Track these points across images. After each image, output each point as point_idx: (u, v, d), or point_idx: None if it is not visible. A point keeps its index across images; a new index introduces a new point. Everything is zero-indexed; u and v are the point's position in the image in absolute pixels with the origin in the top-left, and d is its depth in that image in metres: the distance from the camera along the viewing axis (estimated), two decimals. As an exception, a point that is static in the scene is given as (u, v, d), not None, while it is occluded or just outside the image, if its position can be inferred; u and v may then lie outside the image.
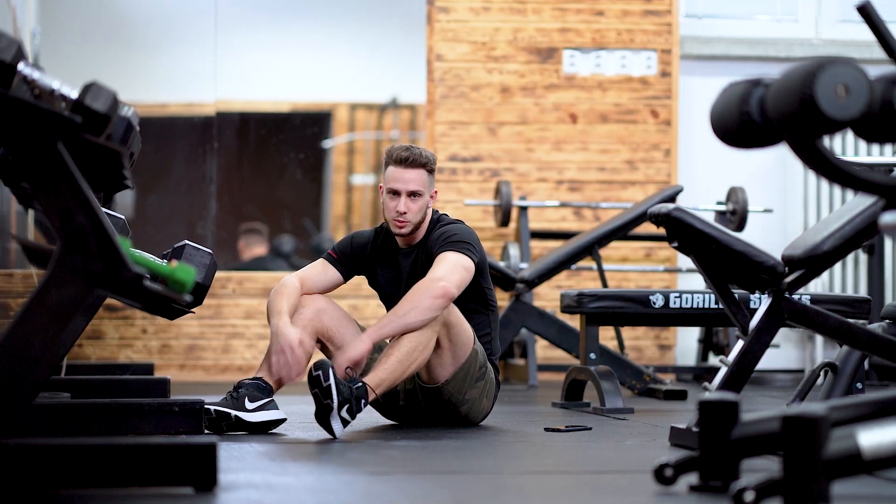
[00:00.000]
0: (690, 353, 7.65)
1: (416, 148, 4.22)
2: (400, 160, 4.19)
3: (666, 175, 7.51)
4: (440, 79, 7.44)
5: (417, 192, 4.19)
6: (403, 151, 4.20)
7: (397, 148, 4.22)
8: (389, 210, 4.20)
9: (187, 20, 7.80)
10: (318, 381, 3.81)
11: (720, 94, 2.95)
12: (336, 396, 3.81)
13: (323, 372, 3.81)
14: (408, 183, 4.18)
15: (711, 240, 3.74)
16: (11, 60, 2.73)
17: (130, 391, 4.70)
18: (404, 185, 4.18)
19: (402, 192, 4.18)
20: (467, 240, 4.16)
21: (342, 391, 3.83)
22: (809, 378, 3.87)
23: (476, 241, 4.20)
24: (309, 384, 3.85)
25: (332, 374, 3.82)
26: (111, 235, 2.68)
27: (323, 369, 3.81)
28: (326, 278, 4.30)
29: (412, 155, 4.18)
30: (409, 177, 4.18)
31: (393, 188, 4.19)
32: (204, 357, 7.25)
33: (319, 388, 3.81)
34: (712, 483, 2.69)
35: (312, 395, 3.84)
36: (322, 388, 3.81)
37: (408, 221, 4.20)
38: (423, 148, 4.24)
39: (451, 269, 4.06)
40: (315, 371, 3.82)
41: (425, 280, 4.04)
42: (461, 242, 4.14)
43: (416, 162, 4.18)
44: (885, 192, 2.78)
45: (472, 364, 4.19)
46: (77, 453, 2.59)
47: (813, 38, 7.81)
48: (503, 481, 3.05)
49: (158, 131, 7.62)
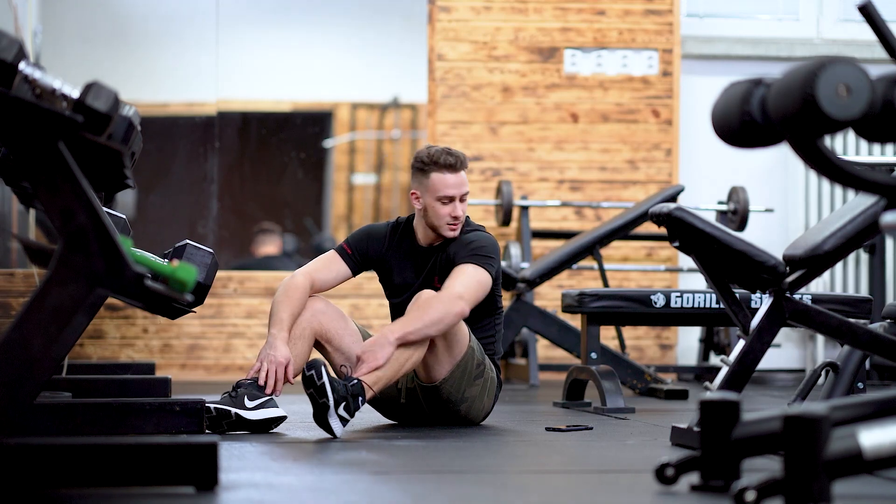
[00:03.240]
0: (691, 353, 7.64)
1: (455, 150, 4.25)
2: (448, 165, 4.21)
3: (667, 175, 7.51)
4: (441, 78, 7.44)
5: (467, 194, 4.25)
6: (448, 157, 4.21)
7: (437, 152, 4.22)
8: (442, 216, 4.22)
9: (188, 19, 7.80)
10: (312, 380, 3.82)
11: (721, 94, 2.95)
12: (332, 394, 3.81)
13: (316, 371, 3.81)
14: (460, 187, 4.23)
15: (712, 239, 3.74)
16: (13, 60, 2.73)
17: (131, 391, 4.71)
18: (458, 189, 4.22)
19: (456, 197, 4.22)
20: (491, 254, 4.21)
21: (337, 389, 3.83)
22: (811, 378, 3.87)
23: (497, 252, 4.26)
24: (303, 384, 3.85)
25: (326, 373, 3.82)
26: (112, 235, 2.68)
27: (316, 369, 3.82)
28: (336, 274, 4.31)
29: (458, 159, 4.23)
30: (459, 180, 4.22)
31: (448, 195, 4.21)
32: (205, 356, 7.25)
33: (314, 388, 3.82)
34: (713, 483, 2.69)
35: (308, 395, 3.84)
36: (316, 388, 3.81)
37: (460, 222, 4.25)
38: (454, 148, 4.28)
39: (470, 286, 4.11)
40: (308, 371, 3.82)
41: (448, 295, 4.06)
42: (485, 257, 4.18)
43: (462, 165, 4.24)
44: (886, 191, 2.78)
45: (469, 361, 4.19)
46: (78, 453, 2.59)
47: (814, 37, 7.81)
48: (504, 481, 3.05)
49: (159, 130, 7.62)
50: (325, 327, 4.22)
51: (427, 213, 4.25)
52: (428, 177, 4.22)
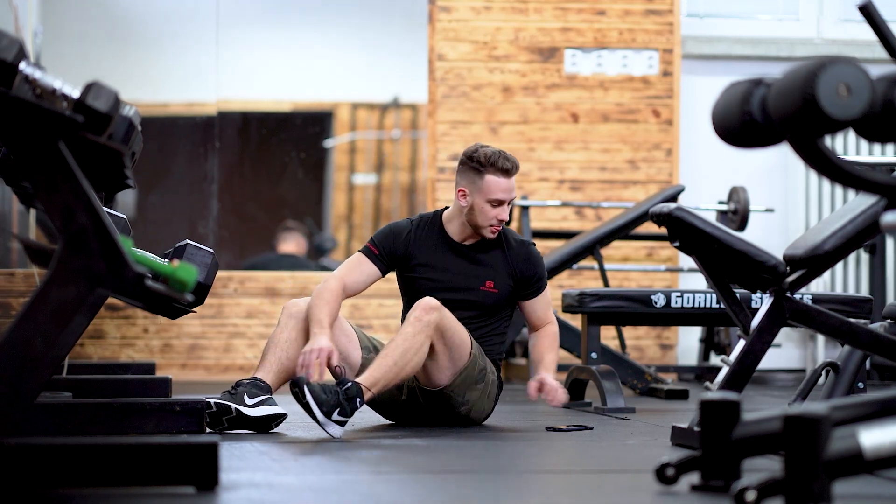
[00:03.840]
0: (692, 353, 7.64)
1: (511, 155, 4.29)
2: (504, 170, 4.25)
3: (667, 174, 7.51)
4: (441, 78, 7.44)
5: (514, 199, 4.33)
6: (506, 161, 4.26)
7: (494, 155, 4.26)
8: (489, 218, 4.26)
9: (189, 19, 7.79)
10: (297, 397, 3.82)
11: (722, 94, 2.95)
12: (318, 409, 3.80)
13: (299, 389, 3.80)
14: (511, 192, 4.28)
15: (713, 239, 3.74)
16: (13, 60, 2.73)
17: (132, 391, 4.71)
18: (509, 194, 4.27)
19: (506, 201, 4.27)
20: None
21: (327, 400, 3.81)
22: (811, 378, 3.87)
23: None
24: (294, 398, 3.86)
25: (308, 391, 3.80)
26: (113, 235, 2.68)
27: (299, 386, 3.81)
28: (366, 276, 4.31)
29: (515, 165, 4.28)
30: (511, 185, 4.28)
31: (499, 199, 4.25)
32: (205, 356, 7.25)
33: (301, 404, 3.82)
34: (714, 482, 2.69)
35: (301, 405, 3.85)
36: (303, 404, 3.81)
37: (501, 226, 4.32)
38: (509, 153, 4.32)
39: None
40: (293, 388, 3.82)
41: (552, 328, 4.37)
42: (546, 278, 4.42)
43: (516, 170, 4.29)
44: (887, 191, 2.78)
45: (471, 368, 4.20)
46: (78, 453, 2.59)
47: (814, 37, 7.81)
48: (504, 481, 3.05)
49: (160, 130, 7.62)
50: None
51: (473, 212, 4.28)
52: (482, 177, 4.25)
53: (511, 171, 4.26)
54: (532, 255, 4.35)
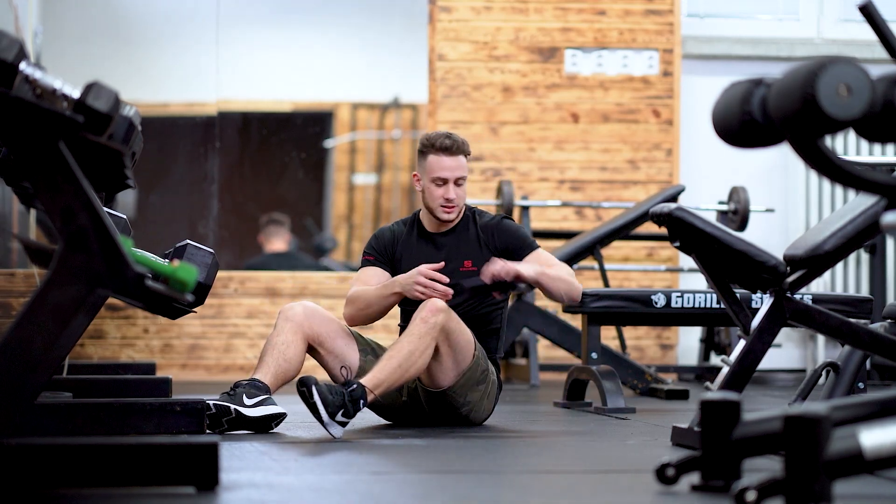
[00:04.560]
0: (692, 353, 7.64)
1: (455, 135, 4.32)
2: (444, 148, 4.28)
3: (668, 175, 7.51)
4: (442, 78, 7.44)
5: (463, 178, 4.31)
6: (446, 140, 4.29)
7: (437, 136, 4.31)
8: (435, 198, 4.29)
9: (189, 19, 7.79)
10: (304, 396, 3.82)
11: (722, 94, 2.95)
12: (324, 409, 3.81)
13: (307, 388, 3.81)
14: (455, 170, 4.28)
15: (713, 239, 3.74)
16: (13, 60, 2.73)
17: (132, 391, 4.71)
18: (451, 172, 4.28)
19: (450, 180, 4.27)
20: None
21: (333, 401, 3.82)
22: (811, 378, 3.87)
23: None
24: (300, 397, 3.86)
25: (316, 391, 3.81)
26: (113, 235, 2.68)
27: (306, 386, 3.81)
28: (378, 279, 4.34)
29: (455, 143, 4.29)
30: (455, 164, 4.28)
31: (441, 177, 4.28)
32: (206, 357, 7.25)
33: (308, 404, 3.83)
34: (714, 483, 2.69)
35: (306, 405, 3.85)
36: (309, 404, 3.82)
37: (455, 206, 4.30)
38: (457, 134, 4.33)
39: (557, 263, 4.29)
40: (300, 387, 3.83)
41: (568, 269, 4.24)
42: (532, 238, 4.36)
43: (459, 149, 4.29)
44: (887, 191, 2.78)
45: (475, 369, 4.20)
46: (78, 453, 2.59)
47: (815, 37, 7.81)
48: (504, 481, 3.05)
49: (160, 131, 7.62)
50: (315, 331, 4.22)
51: (425, 195, 4.33)
52: (426, 158, 4.31)
53: (452, 149, 4.27)
54: (503, 225, 4.34)
